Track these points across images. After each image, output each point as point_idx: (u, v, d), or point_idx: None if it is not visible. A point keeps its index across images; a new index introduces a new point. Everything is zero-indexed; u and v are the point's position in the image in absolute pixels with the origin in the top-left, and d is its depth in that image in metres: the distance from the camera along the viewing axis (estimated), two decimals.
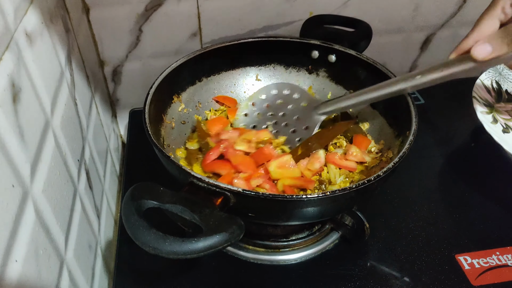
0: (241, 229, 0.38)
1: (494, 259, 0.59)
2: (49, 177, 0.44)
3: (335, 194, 0.44)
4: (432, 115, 0.84)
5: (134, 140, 0.79)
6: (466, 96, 0.76)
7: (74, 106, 0.58)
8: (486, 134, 0.67)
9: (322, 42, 0.70)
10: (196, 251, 0.35)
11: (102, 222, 0.65)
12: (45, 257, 0.41)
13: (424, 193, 0.69)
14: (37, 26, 0.48)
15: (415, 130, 0.53)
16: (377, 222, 0.63)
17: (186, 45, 0.80)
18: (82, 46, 0.67)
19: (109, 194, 0.73)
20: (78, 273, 0.50)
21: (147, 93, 0.58)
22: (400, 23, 0.86)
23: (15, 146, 0.38)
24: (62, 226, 0.47)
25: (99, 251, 0.61)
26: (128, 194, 0.40)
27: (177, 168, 0.46)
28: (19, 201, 0.37)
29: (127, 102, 0.86)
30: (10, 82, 0.38)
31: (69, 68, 0.58)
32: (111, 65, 0.80)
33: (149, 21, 0.75)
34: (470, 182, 0.70)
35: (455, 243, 0.61)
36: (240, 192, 0.42)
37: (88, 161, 0.61)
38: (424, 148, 0.77)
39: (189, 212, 0.39)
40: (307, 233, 0.60)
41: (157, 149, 0.49)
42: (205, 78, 0.71)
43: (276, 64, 0.74)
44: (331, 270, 0.58)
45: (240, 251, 0.59)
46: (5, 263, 0.33)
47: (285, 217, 0.48)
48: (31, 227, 0.39)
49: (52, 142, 0.47)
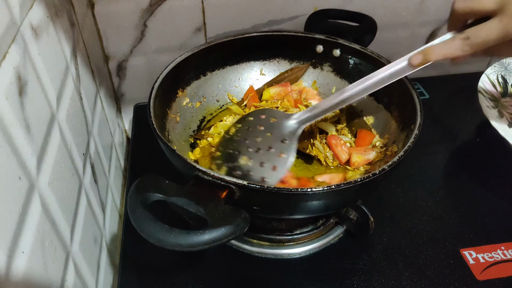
0: (246, 222, 0.38)
1: (499, 254, 0.59)
2: (55, 170, 0.45)
3: (340, 187, 0.43)
4: (437, 110, 0.84)
5: (139, 135, 0.80)
6: (471, 91, 0.76)
7: (79, 100, 0.58)
8: (492, 129, 0.66)
9: (326, 36, 0.70)
10: (201, 243, 0.35)
11: (107, 216, 0.65)
12: (51, 249, 0.41)
13: (429, 187, 0.68)
14: (42, 19, 0.48)
15: (420, 123, 0.53)
16: (381, 217, 0.63)
17: (191, 40, 0.80)
18: (87, 40, 0.67)
19: (114, 189, 0.73)
20: (83, 266, 0.51)
21: (152, 87, 0.58)
22: (405, 17, 0.85)
23: (21, 138, 0.38)
24: (67, 219, 0.47)
25: (104, 244, 0.61)
26: (133, 187, 0.40)
27: (182, 162, 0.46)
28: (26, 193, 0.37)
29: (132, 97, 0.86)
30: (16, 75, 0.38)
31: (74, 62, 0.58)
32: (116, 60, 0.80)
33: (154, 16, 0.75)
34: (475, 177, 0.70)
35: (460, 238, 0.61)
36: (245, 185, 0.42)
37: (93, 155, 0.62)
38: (429, 143, 0.77)
39: (194, 205, 0.39)
40: (311, 227, 0.60)
41: (162, 142, 0.50)
42: (210, 73, 0.71)
43: (280, 59, 0.74)
44: (336, 264, 0.58)
45: (244, 244, 0.59)
46: (12, 254, 0.34)
47: (289, 210, 0.48)
48: (37, 219, 0.39)
49: (58, 135, 0.48)
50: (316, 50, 0.72)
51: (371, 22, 0.70)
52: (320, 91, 0.73)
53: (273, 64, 0.74)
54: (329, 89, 0.73)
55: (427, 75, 0.96)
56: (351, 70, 0.70)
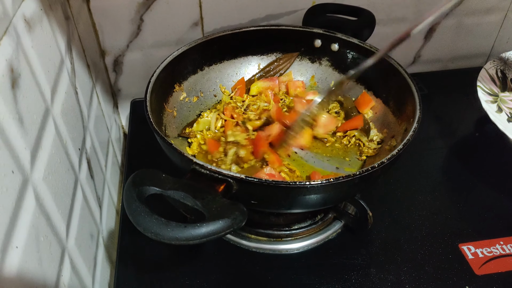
0: (243, 215, 0.37)
1: (498, 248, 0.58)
2: (49, 165, 0.44)
3: (338, 181, 0.43)
4: (435, 105, 0.84)
5: (136, 130, 0.79)
6: (469, 86, 0.75)
7: (74, 94, 0.57)
8: (491, 124, 0.66)
9: (325, 30, 0.69)
10: (198, 236, 0.35)
11: (104, 212, 0.65)
12: (46, 245, 0.41)
13: (427, 182, 0.68)
14: (36, 12, 0.47)
15: (419, 117, 0.53)
16: (380, 212, 0.62)
17: (188, 35, 0.79)
18: (83, 35, 0.66)
19: (111, 184, 0.72)
20: (80, 262, 0.50)
21: (148, 81, 0.57)
22: (403, 12, 0.85)
23: (14, 131, 0.37)
24: (63, 214, 0.46)
25: (101, 240, 0.61)
26: (130, 180, 0.39)
27: (179, 155, 0.46)
28: (19, 187, 0.37)
29: (129, 93, 0.85)
30: (8, 67, 0.38)
31: (70, 56, 0.58)
32: (112, 54, 0.79)
33: (150, 10, 0.74)
34: (474, 172, 0.70)
35: (459, 233, 0.60)
36: (242, 179, 0.42)
37: (89, 151, 0.61)
38: (428, 138, 0.76)
39: (191, 198, 0.38)
40: (309, 222, 0.60)
41: (159, 136, 0.49)
42: (207, 67, 0.70)
43: (278, 53, 0.74)
44: (334, 259, 0.57)
45: (242, 240, 0.59)
46: (6, 248, 0.33)
47: (288, 204, 0.48)
48: (31, 214, 0.38)
49: (53, 129, 0.47)
50: (314, 45, 0.71)
51: (370, 16, 0.70)
52: (319, 86, 0.73)
53: (271, 59, 0.74)
54: (328, 83, 0.72)
55: (425, 70, 0.96)
56: (349, 65, 0.69)
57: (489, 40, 0.95)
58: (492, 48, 0.96)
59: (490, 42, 0.95)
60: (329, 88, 0.68)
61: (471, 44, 0.94)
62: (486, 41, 0.95)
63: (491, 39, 0.95)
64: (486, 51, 0.97)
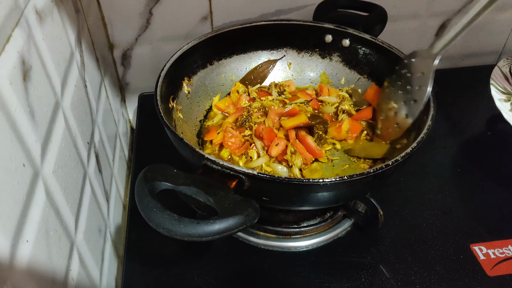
0: (256, 212, 0.37)
1: (510, 249, 0.58)
2: (59, 158, 0.44)
3: (352, 178, 0.42)
4: (447, 103, 0.82)
5: (143, 125, 0.78)
6: (480, 84, 0.74)
7: (84, 88, 0.57)
8: (503, 122, 0.65)
9: (335, 26, 0.68)
10: (211, 233, 0.34)
11: (111, 207, 0.64)
12: (56, 238, 0.40)
13: (438, 182, 0.67)
14: (47, 4, 0.47)
15: (433, 115, 0.52)
16: (390, 210, 0.62)
17: (197, 29, 0.78)
18: (92, 28, 0.66)
19: (118, 179, 0.72)
20: (88, 256, 0.50)
21: (158, 74, 0.57)
22: (416, 8, 0.83)
23: (25, 124, 0.37)
24: (72, 208, 0.46)
25: (108, 235, 0.61)
26: (141, 175, 0.39)
27: (190, 150, 0.45)
28: (30, 181, 0.36)
29: (137, 87, 0.85)
30: (20, 59, 0.37)
31: (79, 49, 0.57)
32: (121, 48, 0.78)
33: (159, 3, 0.74)
34: (485, 171, 0.69)
35: (470, 233, 0.60)
36: (255, 175, 0.41)
37: (98, 145, 0.61)
38: (439, 136, 0.75)
39: (203, 194, 0.38)
40: (319, 220, 0.59)
41: (170, 131, 0.48)
42: (217, 62, 0.69)
43: (288, 48, 0.73)
44: (343, 258, 0.57)
45: (251, 237, 0.58)
46: (16, 242, 0.33)
47: (300, 201, 0.47)
48: (41, 207, 0.38)
49: (62, 123, 0.46)
50: (325, 40, 0.70)
51: (382, 12, 0.69)
52: (329, 82, 0.72)
53: (281, 54, 0.73)
54: (338, 80, 0.71)
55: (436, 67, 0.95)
56: (360, 61, 0.69)
57: (501, 37, 0.93)
58: (504, 46, 0.95)
59: (502, 40, 0.94)
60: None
61: (482, 42, 0.93)
62: (498, 38, 0.93)
63: (504, 36, 0.93)
64: (498, 49, 0.96)
